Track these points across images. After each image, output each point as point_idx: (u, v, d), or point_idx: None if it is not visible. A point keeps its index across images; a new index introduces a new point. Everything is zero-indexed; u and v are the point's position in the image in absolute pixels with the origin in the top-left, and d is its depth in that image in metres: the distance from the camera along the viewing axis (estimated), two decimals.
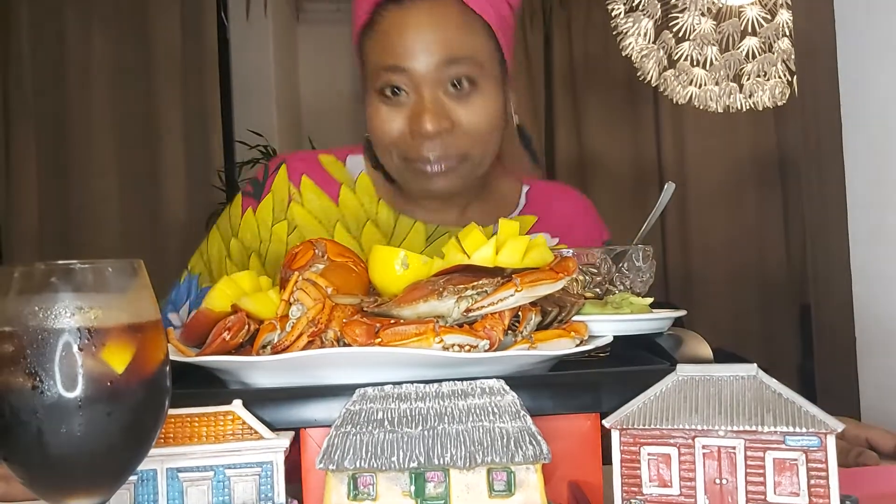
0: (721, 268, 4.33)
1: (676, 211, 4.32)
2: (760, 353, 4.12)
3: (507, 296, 0.71)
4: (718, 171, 4.37)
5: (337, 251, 0.84)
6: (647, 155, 4.40)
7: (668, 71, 3.21)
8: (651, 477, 0.59)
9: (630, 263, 0.95)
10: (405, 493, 0.61)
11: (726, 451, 0.57)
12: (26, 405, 0.48)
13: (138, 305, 0.52)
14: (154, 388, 0.52)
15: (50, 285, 0.49)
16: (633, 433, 0.59)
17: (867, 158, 1.41)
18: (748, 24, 3.01)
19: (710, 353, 0.80)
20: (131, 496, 0.63)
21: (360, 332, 0.70)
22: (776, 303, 4.31)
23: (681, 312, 0.91)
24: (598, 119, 4.36)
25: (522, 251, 0.75)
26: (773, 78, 3.13)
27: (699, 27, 3.01)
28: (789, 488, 0.55)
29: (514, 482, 0.61)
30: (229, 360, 0.72)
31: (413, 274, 0.78)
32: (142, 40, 3.57)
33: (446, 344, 0.68)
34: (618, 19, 3.09)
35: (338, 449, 0.61)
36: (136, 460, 0.53)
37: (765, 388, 0.58)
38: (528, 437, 0.61)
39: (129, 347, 0.50)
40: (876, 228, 1.40)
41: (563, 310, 0.79)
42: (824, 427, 0.55)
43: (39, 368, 0.48)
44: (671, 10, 3.03)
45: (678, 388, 0.60)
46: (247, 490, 0.64)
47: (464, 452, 0.60)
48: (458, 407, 0.63)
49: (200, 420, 0.65)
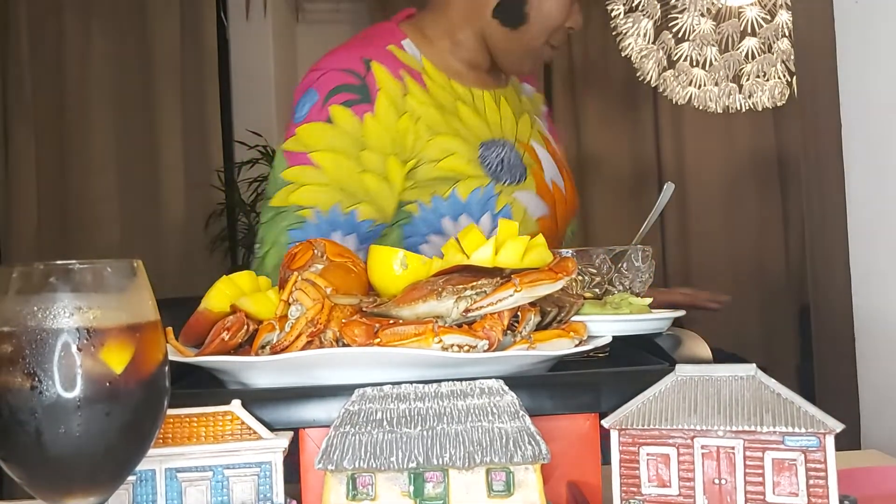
0: (720, 268, 4.32)
1: (676, 211, 4.32)
2: (759, 353, 4.12)
3: (506, 296, 0.71)
4: (718, 171, 4.37)
5: (336, 251, 0.84)
6: (647, 155, 4.40)
7: (668, 71, 3.21)
8: (650, 477, 0.59)
9: (629, 263, 0.95)
10: (404, 494, 0.61)
11: (725, 451, 0.57)
12: (25, 405, 0.48)
13: (137, 305, 0.52)
14: (153, 388, 0.52)
15: (49, 285, 0.49)
16: (632, 433, 0.59)
17: (867, 158, 1.41)
18: (748, 25, 3.01)
19: (709, 353, 0.80)
20: (130, 496, 0.63)
21: (359, 332, 0.70)
22: (775, 303, 4.31)
23: (680, 312, 0.91)
24: (597, 119, 4.36)
25: (522, 251, 0.75)
26: (773, 78, 3.13)
27: (699, 28, 3.01)
28: (788, 488, 0.55)
29: (513, 482, 0.61)
30: (228, 361, 0.72)
31: (412, 274, 0.78)
32: (141, 40, 3.57)
33: (445, 344, 0.68)
34: (617, 19, 3.09)
35: (337, 449, 0.61)
36: (135, 460, 0.53)
37: (764, 388, 0.58)
38: (527, 437, 0.61)
39: (128, 347, 0.50)
40: (876, 228, 1.39)
41: (562, 310, 0.79)
42: (823, 427, 0.55)
43: (38, 368, 0.48)
44: (671, 11, 3.03)
45: (677, 388, 0.60)
46: (245, 490, 0.64)
47: (463, 453, 0.60)
48: (457, 407, 0.63)
49: (199, 420, 0.65)
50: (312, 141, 1.18)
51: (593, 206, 4.31)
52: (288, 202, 1.17)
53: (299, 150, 1.18)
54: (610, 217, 4.25)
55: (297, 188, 1.16)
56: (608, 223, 4.25)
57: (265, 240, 1.19)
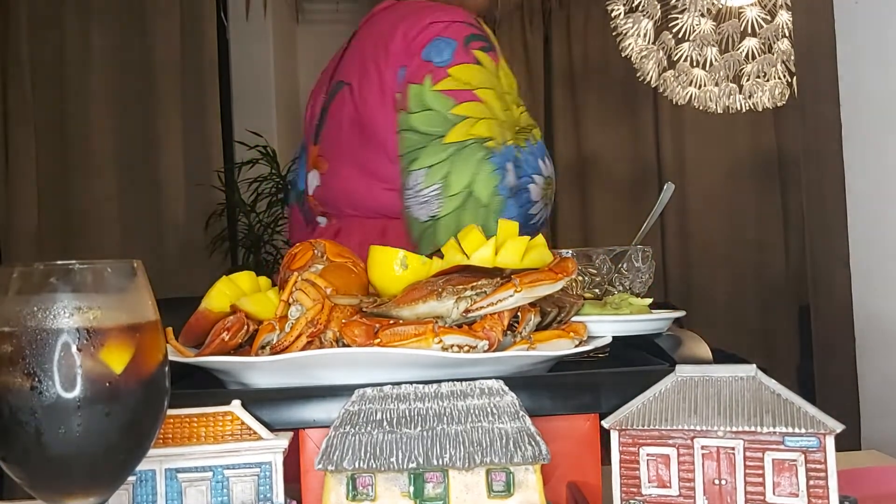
0: (720, 268, 4.33)
1: (676, 211, 4.32)
2: (759, 353, 4.12)
3: (506, 296, 0.71)
4: (718, 171, 4.37)
5: (336, 251, 0.84)
6: (647, 156, 4.40)
7: (668, 72, 3.21)
8: (650, 478, 0.59)
9: (629, 264, 0.95)
10: (404, 494, 0.61)
11: (725, 451, 0.57)
12: (25, 405, 0.48)
13: (137, 306, 0.52)
14: (153, 388, 0.52)
15: (49, 285, 0.49)
16: (632, 434, 0.59)
17: (867, 158, 1.41)
18: (748, 25, 3.01)
19: (710, 353, 0.80)
20: (130, 497, 0.63)
21: (359, 332, 0.70)
22: (775, 303, 4.31)
23: (680, 313, 0.91)
24: (597, 120, 4.36)
25: (521, 251, 0.75)
26: (773, 79, 3.13)
27: (699, 28, 3.01)
28: (788, 489, 0.55)
29: (513, 483, 0.61)
30: (228, 361, 0.72)
31: (412, 274, 0.78)
32: (141, 40, 3.57)
33: (445, 344, 0.68)
34: (617, 20, 3.09)
35: (336, 449, 0.61)
36: (135, 461, 0.53)
37: (764, 388, 0.58)
38: (527, 437, 0.61)
39: (128, 348, 0.50)
40: (876, 228, 1.39)
41: (562, 310, 0.79)
42: (823, 428, 0.55)
43: (38, 369, 0.48)
44: (671, 11, 3.03)
45: (677, 388, 0.60)
46: (245, 490, 0.64)
47: (463, 453, 0.60)
48: (457, 407, 0.63)
49: (199, 420, 0.65)
50: (472, 79, 1.23)
51: (593, 206, 4.31)
52: (470, 135, 1.20)
53: (461, 87, 1.22)
54: (610, 217, 4.25)
55: (475, 122, 1.21)
56: (608, 223, 4.25)
57: (460, 173, 1.19)
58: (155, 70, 3.58)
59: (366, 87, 1.30)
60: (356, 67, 1.34)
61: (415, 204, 1.21)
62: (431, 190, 1.19)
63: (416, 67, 1.24)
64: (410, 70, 1.25)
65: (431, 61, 1.24)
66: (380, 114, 1.28)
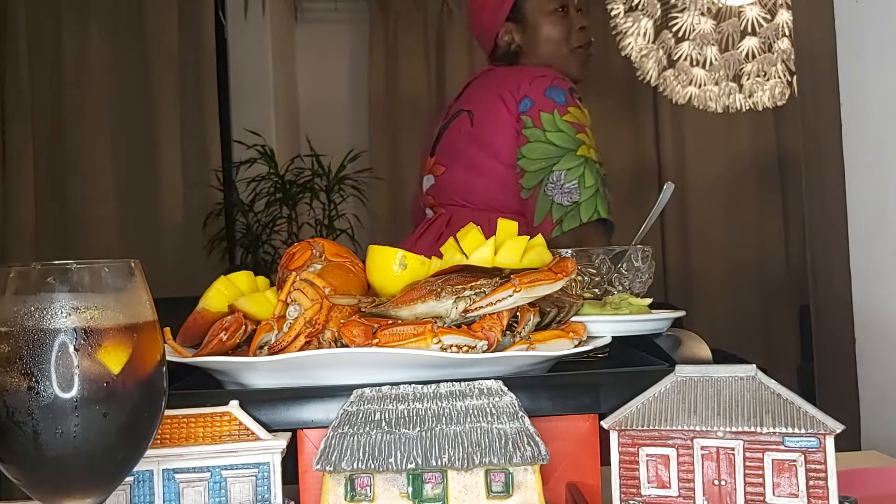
0: (720, 268, 4.33)
1: (676, 211, 4.32)
2: (759, 353, 4.12)
3: (505, 296, 0.70)
4: (718, 171, 4.37)
5: (334, 251, 0.84)
6: (647, 155, 4.40)
7: (668, 71, 3.21)
8: (650, 478, 0.59)
9: (629, 264, 0.95)
10: (403, 495, 0.61)
11: (725, 452, 0.57)
12: (22, 406, 0.48)
13: (135, 306, 0.52)
14: (150, 388, 0.52)
15: (46, 285, 0.49)
16: (631, 434, 0.59)
17: (867, 158, 1.41)
18: (748, 25, 3.01)
19: (709, 353, 0.80)
20: (127, 497, 0.63)
21: (358, 332, 0.69)
22: (775, 303, 4.31)
23: (680, 313, 0.90)
24: (597, 119, 4.30)
25: (521, 251, 0.75)
26: (773, 78, 3.13)
27: (699, 27, 3.01)
28: (788, 489, 0.55)
29: (513, 483, 0.61)
30: (226, 361, 0.72)
31: (411, 274, 0.78)
32: (139, 40, 3.57)
33: (444, 345, 0.68)
34: (617, 19, 3.09)
35: (335, 450, 0.61)
36: (133, 461, 0.53)
37: (764, 388, 0.58)
38: (526, 438, 0.61)
39: (126, 348, 0.50)
40: (876, 228, 1.39)
41: (561, 310, 0.79)
42: (823, 428, 0.55)
43: (35, 369, 0.48)
44: (671, 10, 3.03)
45: (677, 389, 0.60)
46: (243, 491, 0.64)
47: (462, 453, 0.60)
48: (455, 408, 0.63)
49: (197, 421, 0.64)
50: (581, 118, 1.68)
51: None
52: (589, 154, 1.65)
53: (577, 121, 1.66)
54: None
55: (590, 148, 1.66)
56: None
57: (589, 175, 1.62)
58: (153, 69, 3.58)
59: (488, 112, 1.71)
60: (476, 99, 1.77)
61: (558, 194, 1.61)
62: (572, 184, 1.61)
63: (543, 102, 1.65)
64: (538, 103, 1.65)
65: (553, 100, 1.66)
66: (500, 132, 1.68)
